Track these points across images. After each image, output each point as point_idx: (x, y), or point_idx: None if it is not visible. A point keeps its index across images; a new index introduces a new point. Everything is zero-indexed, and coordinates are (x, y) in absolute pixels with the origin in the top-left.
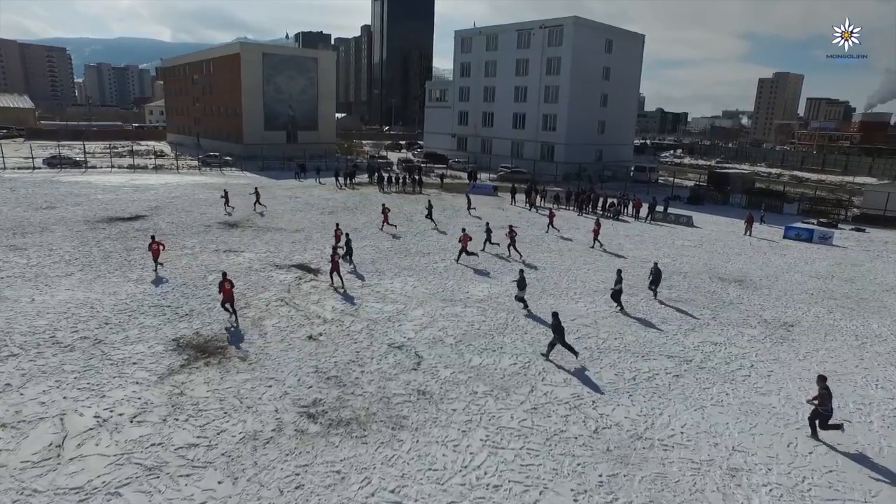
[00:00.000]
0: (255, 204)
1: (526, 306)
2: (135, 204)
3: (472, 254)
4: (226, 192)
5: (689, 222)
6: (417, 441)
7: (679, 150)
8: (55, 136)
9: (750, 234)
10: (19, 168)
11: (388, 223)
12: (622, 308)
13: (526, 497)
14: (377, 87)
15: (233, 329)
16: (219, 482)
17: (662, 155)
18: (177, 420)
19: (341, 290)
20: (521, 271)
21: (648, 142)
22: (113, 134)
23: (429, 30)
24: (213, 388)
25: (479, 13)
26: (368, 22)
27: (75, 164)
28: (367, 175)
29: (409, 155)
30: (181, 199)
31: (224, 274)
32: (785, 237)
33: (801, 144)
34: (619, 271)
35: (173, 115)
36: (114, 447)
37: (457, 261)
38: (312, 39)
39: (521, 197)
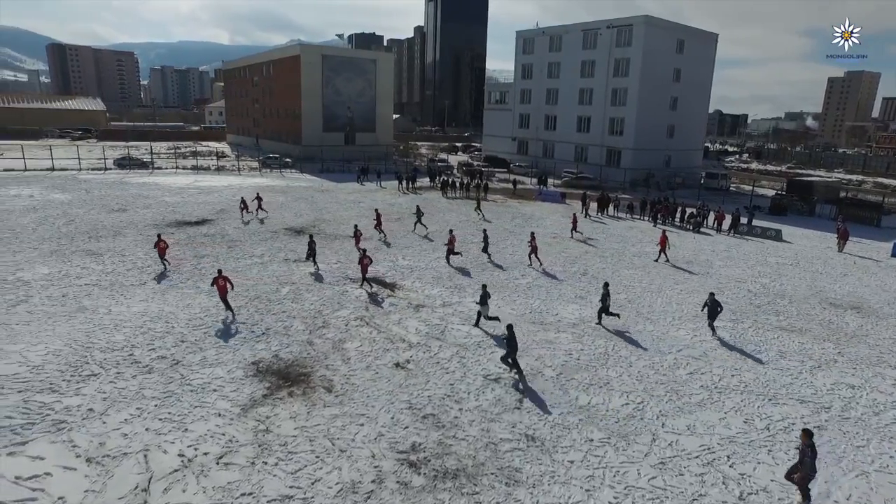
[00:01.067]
0: (257, 210)
1: (477, 322)
2: (201, 207)
3: (457, 253)
4: (258, 196)
5: (777, 236)
6: (537, 502)
7: (745, 155)
8: (124, 136)
9: (842, 250)
10: (93, 169)
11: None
12: (600, 322)
13: None
14: (429, 89)
15: (231, 321)
16: None
17: (727, 160)
18: (266, 464)
19: (369, 290)
20: (485, 286)
21: (709, 146)
22: (176, 135)
23: (482, 31)
24: (301, 424)
25: (528, 13)
26: (420, 23)
27: (142, 165)
28: (427, 179)
29: (468, 158)
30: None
31: (220, 271)
32: (894, 255)
33: (878, 148)
34: (606, 284)
35: (233, 117)
36: (202, 495)
37: (447, 262)
38: (365, 41)
39: (593, 206)
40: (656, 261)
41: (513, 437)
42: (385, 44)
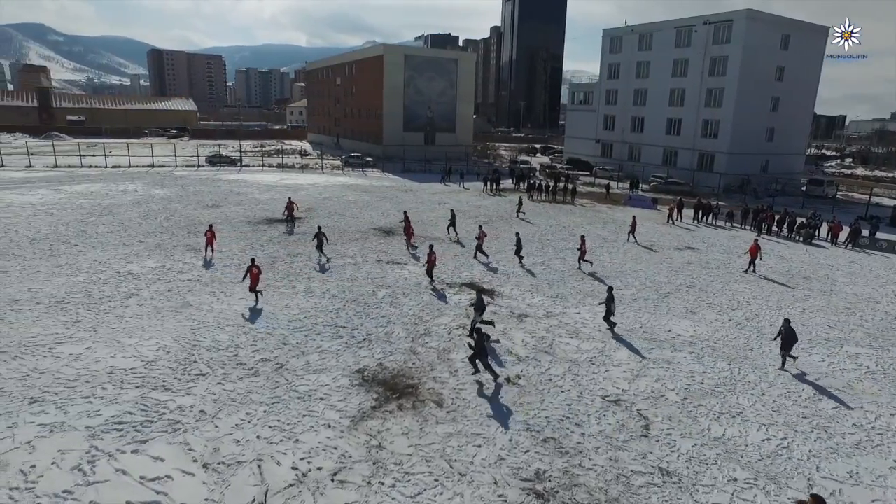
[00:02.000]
0: (288, 216)
1: (487, 335)
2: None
3: (484, 253)
4: (290, 202)
5: None
6: None
7: (849, 159)
8: (213, 135)
9: None
10: (187, 166)
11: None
12: (612, 330)
13: None
14: (504, 90)
15: (258, 308)
16: None
17: (826, 165)
18: (382, 485)
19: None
20: (479, 292)
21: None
22: (260, 133)
23: (559, 31)
24: (415, 442)
25: (603, 13)
26: (495, 23)
27: (231, 163)
28: (511, 181)
29: (550, 160)
30: (332, 201)
31: (252, 260)
32: None
33: None
34: (610, 289)
35: (314, 116)
36: None
37: (474, 257)
38: (441, 42)
39: (687, 213)
40: (745, 272)
41: (645, 470)
42: (460, 44)
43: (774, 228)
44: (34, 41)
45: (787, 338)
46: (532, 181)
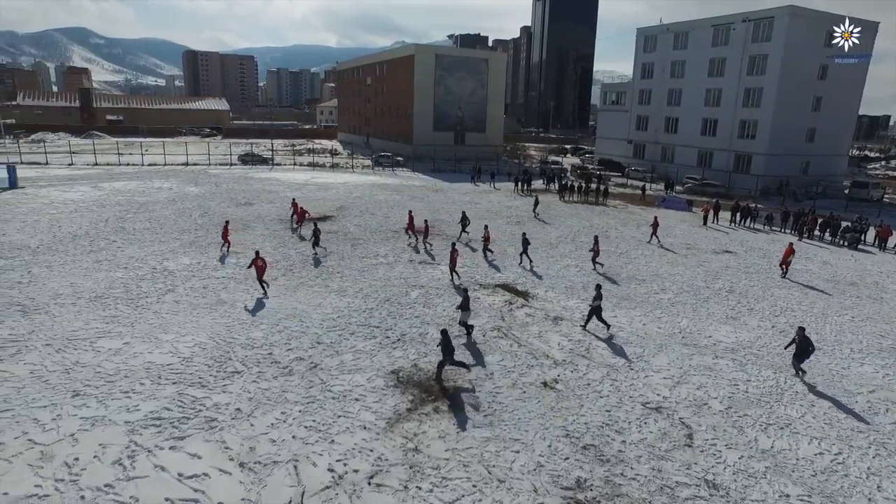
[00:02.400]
0: (292, 217)
1: (469, 332)
2: (321, 203)
3: (490, 250)
4: (295, 205)
5: None
6: None
7: (895, 161)
8: (245, 134)
9: None
10: (220, 164)
11: (415, 233)
12: (585, 327)
13: None
14: (533, 90)
15: (265, 299)
16: None
17: (870, 167)
18: (419, 489)
19: (458, 282)
20: (466, 291)
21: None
22: (290, 132)
23: (590, 31)
24: (452, 446)
25: (635, 12)
26: (526, 23)
27: (263, 161)
28: (542, 181)
29: (581, 161)
30: (362, 200)
31: (257, 252)
32: None
33: None
34: (599, 287)
35: (345, 116)
36: None
37: (484, 256)
38: (471, 42)
39: (724, 215)
40: (783, 277)
41: (690, 482)
42: (490, 44)
43: (817, 233)
44: (77, 44)
45: (802, 347)
46: (563, 182)
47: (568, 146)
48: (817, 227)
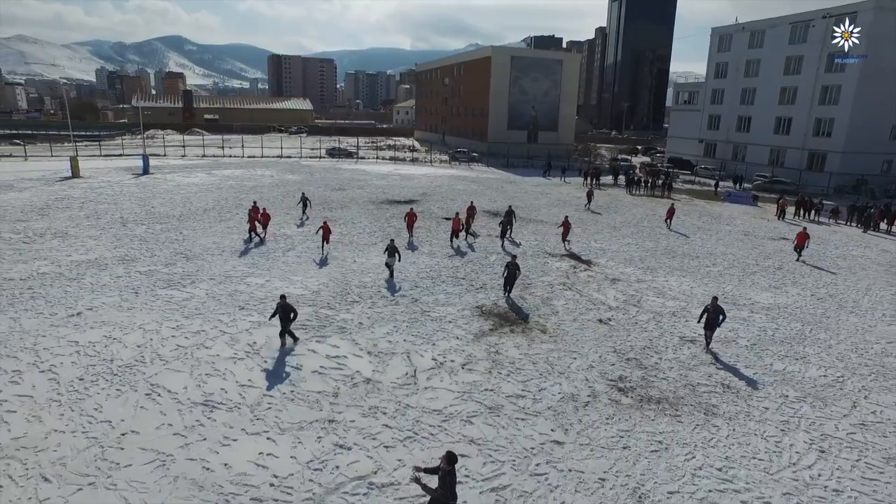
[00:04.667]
0: (303, 212)
1: (391, 273)
2: (405, 190)
3: (474, 235)
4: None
5: None
6: (734, 430)
7: None
8: (327, 132)
9: None
10: (310, 157)
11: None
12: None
13: None
14: (607, 91)
15: (258, 241)
16: (551, 430)
17: None
18: (500, 373)
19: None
20: (392, 241)
21: None
22: (369, 131)
23: (667, 31)
24: (524, 352)
25: (716, 10)
26: (601, 24)
27: (349, 155)
28: (610, 177)
29: (650, 159)
30: (443, 188)
31: (254, 202)
32: None
33: None
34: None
35: (422, 115)
36: (455, 385)
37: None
38: (545, 43)
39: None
40: (797, 260)
41: (709, 384)
42: (564, 46)
43: (883, 225)
44: (173, 51)
45: (713, 317)
46: (630, 176)
47: (639, 146)
48: (883, 221)
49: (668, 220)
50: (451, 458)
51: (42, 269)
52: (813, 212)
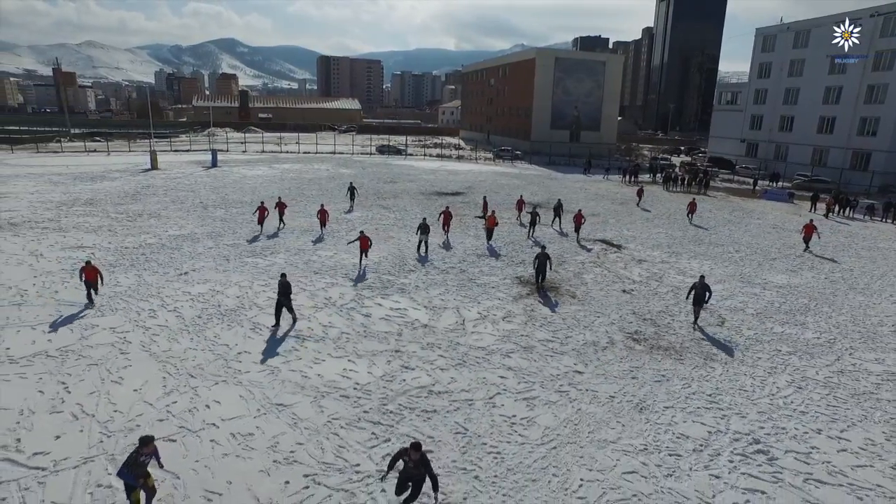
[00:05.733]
0: (351, 200)
1: (419, 245)
2: (452, 183)
3: (527, 225)
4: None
5: None
6: (728, 370)
7: None
8: (375, 130)
9: None
10: (361, 153)
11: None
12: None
13: (833, 426)
14: (653, 92)
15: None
16: (574, 364)
17: None
18: (534, 325)
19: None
20: (424, 219)
21: None
22: (416, 130)
23: (716, 31)
24: (555, 310)
25: (768, 8)
26: (648, 24)
27: (397, 152)
28: (648, 174)
29: (690, 158)
30: (487, 183)
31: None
32: None
33: None
34: (544, 247)
35: (467, 114)
36: (496, 332)
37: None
38: (590, 44)
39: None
40: (805, 251)
41: (713, 339)
42: (610, 46)
43: None
44: (226, 53)
45: (700, 294)
46: (667, 173)
47: (682, 147)
48: None
49: (690, 215)
50: (417, 445)
51: (148, 241)
52: (848, 208)
